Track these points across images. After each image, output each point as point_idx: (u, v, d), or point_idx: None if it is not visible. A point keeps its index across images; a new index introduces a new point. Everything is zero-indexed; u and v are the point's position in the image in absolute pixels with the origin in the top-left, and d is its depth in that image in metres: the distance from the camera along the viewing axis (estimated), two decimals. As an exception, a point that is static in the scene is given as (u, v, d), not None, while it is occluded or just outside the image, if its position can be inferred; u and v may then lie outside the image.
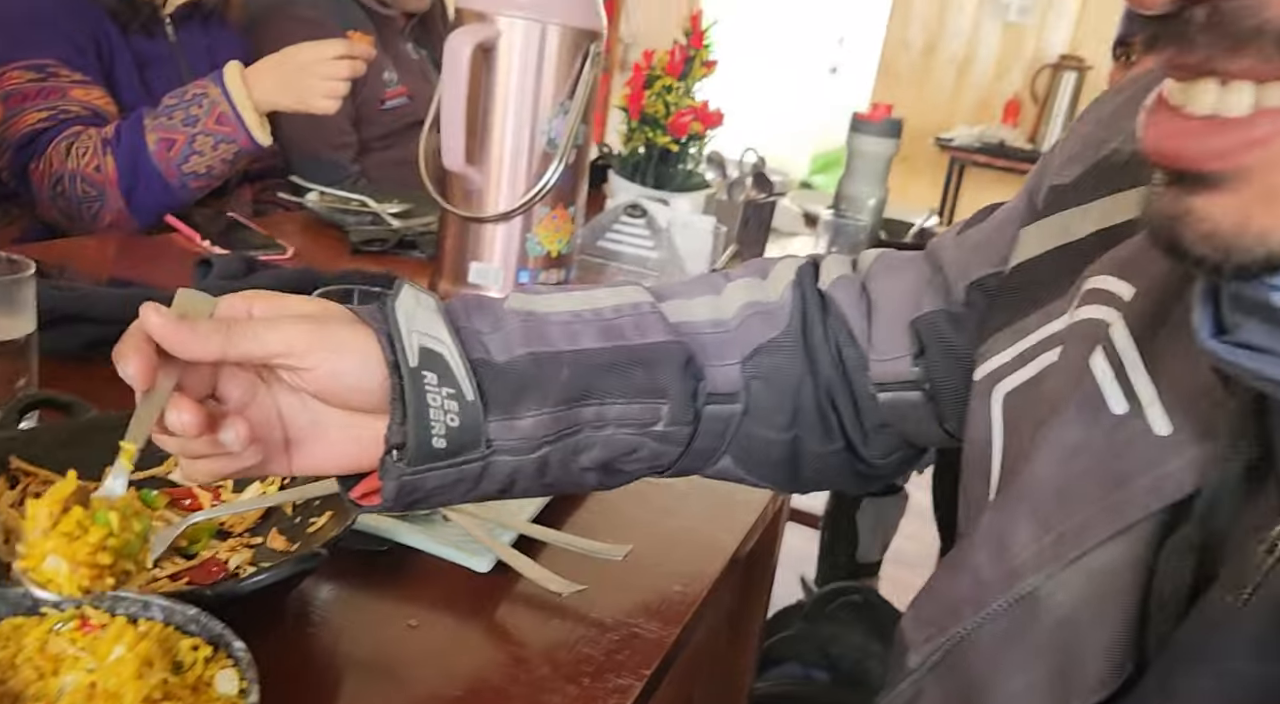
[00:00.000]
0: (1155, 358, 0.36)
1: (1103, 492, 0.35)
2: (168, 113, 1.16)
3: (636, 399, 0.49)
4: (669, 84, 1.47)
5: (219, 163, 1.18)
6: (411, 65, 1.71)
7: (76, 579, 0.36)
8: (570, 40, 1.00)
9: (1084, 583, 0.35)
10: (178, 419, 0.40)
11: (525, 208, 1.03)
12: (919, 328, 0.53)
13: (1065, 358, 0.41)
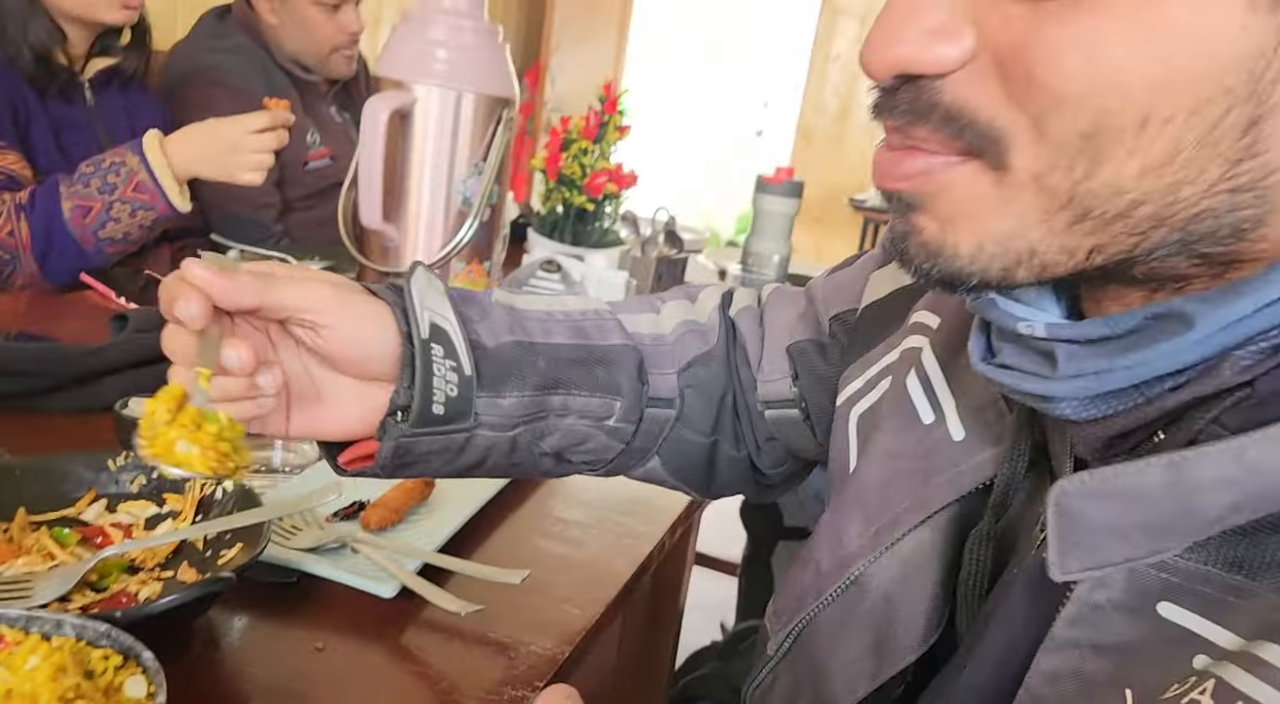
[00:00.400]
0: (955, 376, 0.44)
1: (913, 488, 0.42)
2: (84, 180, 1.18)
3: (596, 393, 0.56)
4: (584, 147, 1.55)
5: (136, 229, 1.20)
6: (335, 128, 1.75)
7: (206, 461, 0.41)
8: (484, 106, 1.07)
9: (897, 565, 0.41)
10: (236, 356, 0.44)
11: (441, 263, 1.08)
12: (792, 353, 0.61)
13: (893, 381, 0.49)
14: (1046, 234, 0.31)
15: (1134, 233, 0.30)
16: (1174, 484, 0.30)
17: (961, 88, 0.31)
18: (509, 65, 1.10)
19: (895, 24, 0.32)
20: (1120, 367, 0.32)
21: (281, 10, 1.65)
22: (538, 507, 0.78)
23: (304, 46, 1.67)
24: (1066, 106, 0.29)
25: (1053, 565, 0.32)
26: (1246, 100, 0.28)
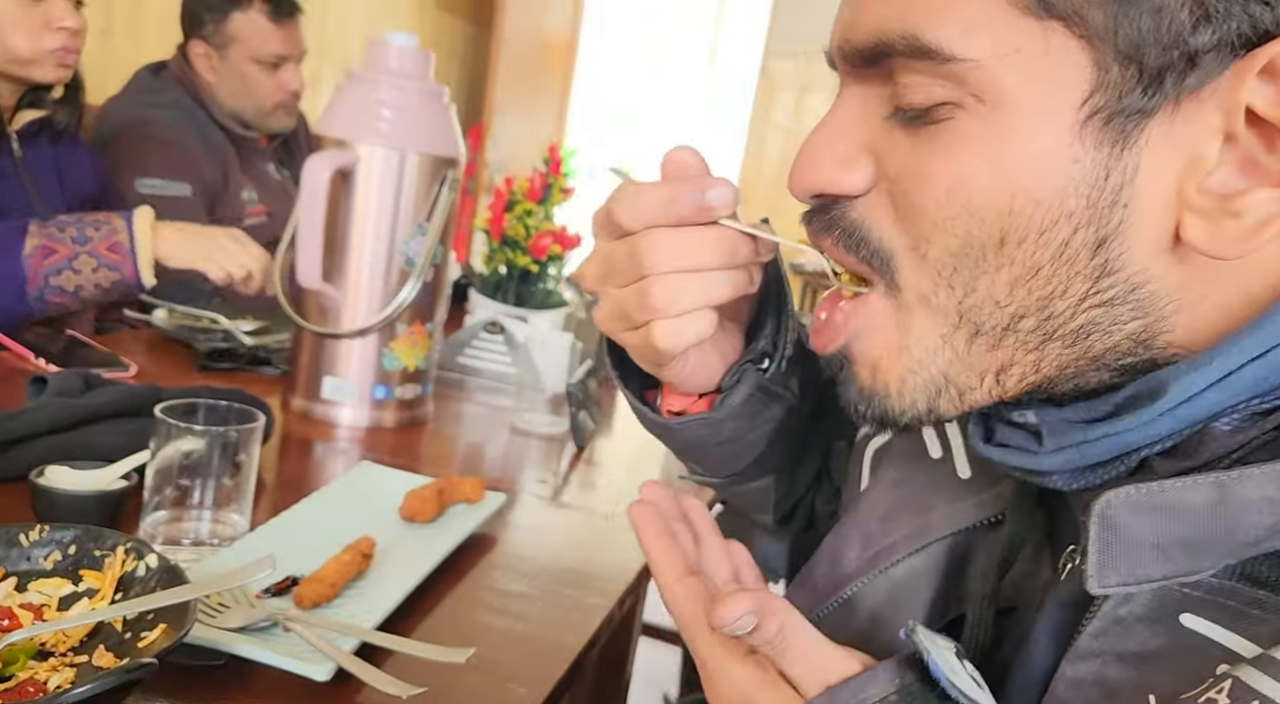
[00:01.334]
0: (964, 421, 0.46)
1: (913, 516, 0.45)
2: (59, 226, 1.14)
3: (806, 389, 0.57)
4: (529, 208, 1.55)
5: (91, 287, 1.15)
6: (272, 185, 1.73)
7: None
8: (429, 167, 1.06)
9: (888, 588, 0.44)
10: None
11: (382, 324, 1.06)
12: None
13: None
14: (951, 357, 0.35)
15: (1029, 348, 0.34)
16: (1218, 503, 0.31)
17: (862, 210, 0.37)
18: (455, 126, 1.09)
19: (810, 154, 0.38)
20: (1096, 437, 0.34)
21: (220, 67, 1.63)
22: (480, 578, 0.75)
23: (243, 103, 1.65)
24: (938, 231, 0.34)
25: (1090, 578, 0.33)
26: (1089, 223, 0.32)
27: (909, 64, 0.34)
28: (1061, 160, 0.32)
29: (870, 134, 0.36)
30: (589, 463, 1.10)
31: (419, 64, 1.07)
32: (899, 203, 0.35)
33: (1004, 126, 0.32)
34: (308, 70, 2.57)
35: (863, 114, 0.37)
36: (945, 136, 0.33)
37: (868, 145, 0.36)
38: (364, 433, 1.06)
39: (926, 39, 0.33)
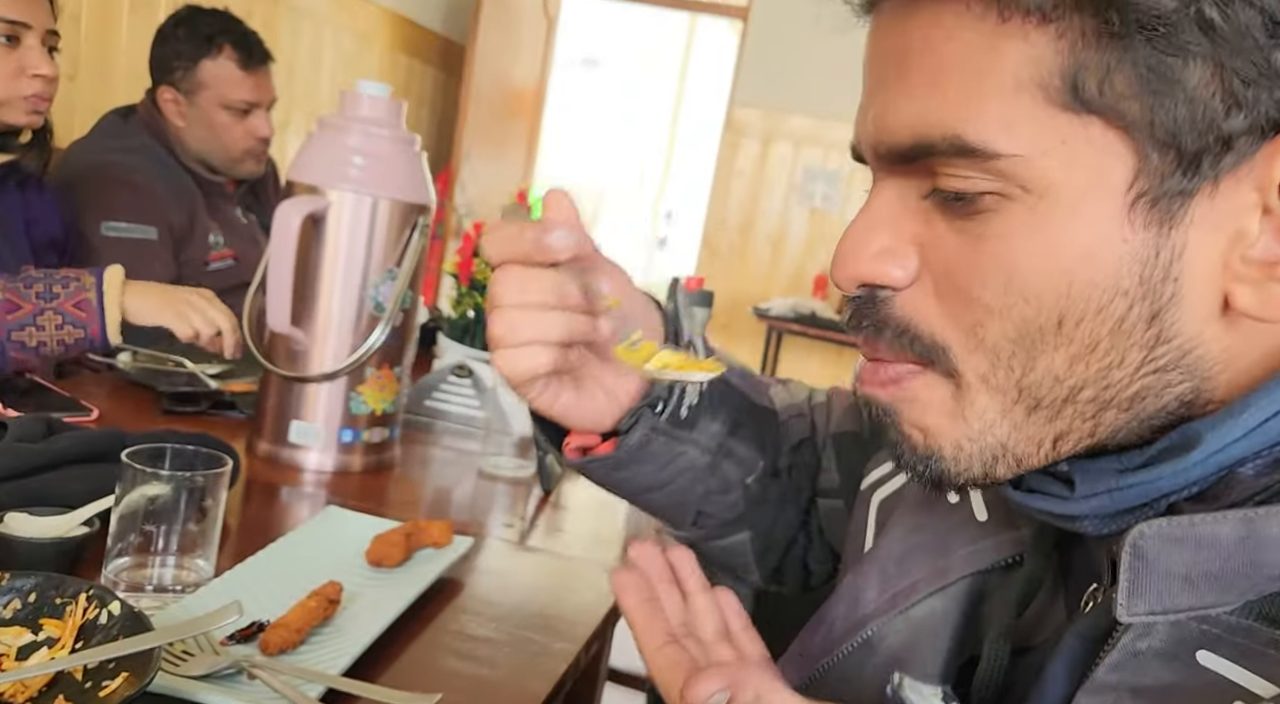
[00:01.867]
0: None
1: (931, 558, 0.46)
2: (26, 282, 1.13)
3: (753, 447, 0.60)
4: (497, 254, 1.56)
5: (55, 343, 1.14)
6: (239, 229, 1.73)
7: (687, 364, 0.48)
8: (400, 213, 1.07)
9: (908, 629, 0.45)
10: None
11: (351, 368, 1.06)
12: (836, 440, 0.65)
13: None
14: (1010, 429, 0.36)
15: (1086, 417, 0.35)
16: (1246, 538, 0.32)
17: (909, 303, 0.37)
18: (425, 173, 1.11)
19: (851, 245, 0.38)
20: (1129, 484, 0.36)
21: (189, 113, 1.63)
22: (447, 623, 0.74)
23: (211, 148, 1.66)
24: (994, 318, 0.35)
25: (1120, 606, 0.34)
26: (1143, 298, 0.33)
27: (951, 162, 0.35)
28: (1113, 242, 0.33)
29: (912, 225, 0.37)
30: (556, 507, 1.10)
31: (391, 112, 1.08)
32: (948, 293, 0.36)
33: (1053, 215, 0.33)
34: (277, 116, 2.58)
35: (902, 206, 0.37)
36: (994, 227, 0.34)
37: (911, 237, 0.37)
38: (331, 477, 1.05)
39: (969, 139, 0.34)
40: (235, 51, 1.60)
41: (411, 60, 3.43)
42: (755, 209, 3.89)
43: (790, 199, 3.81)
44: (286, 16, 2.63)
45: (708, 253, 3.95)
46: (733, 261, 3.92)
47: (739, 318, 3.70)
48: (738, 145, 3.85)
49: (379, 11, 3.11)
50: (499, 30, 3.52)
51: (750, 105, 3.77)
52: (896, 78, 0.36)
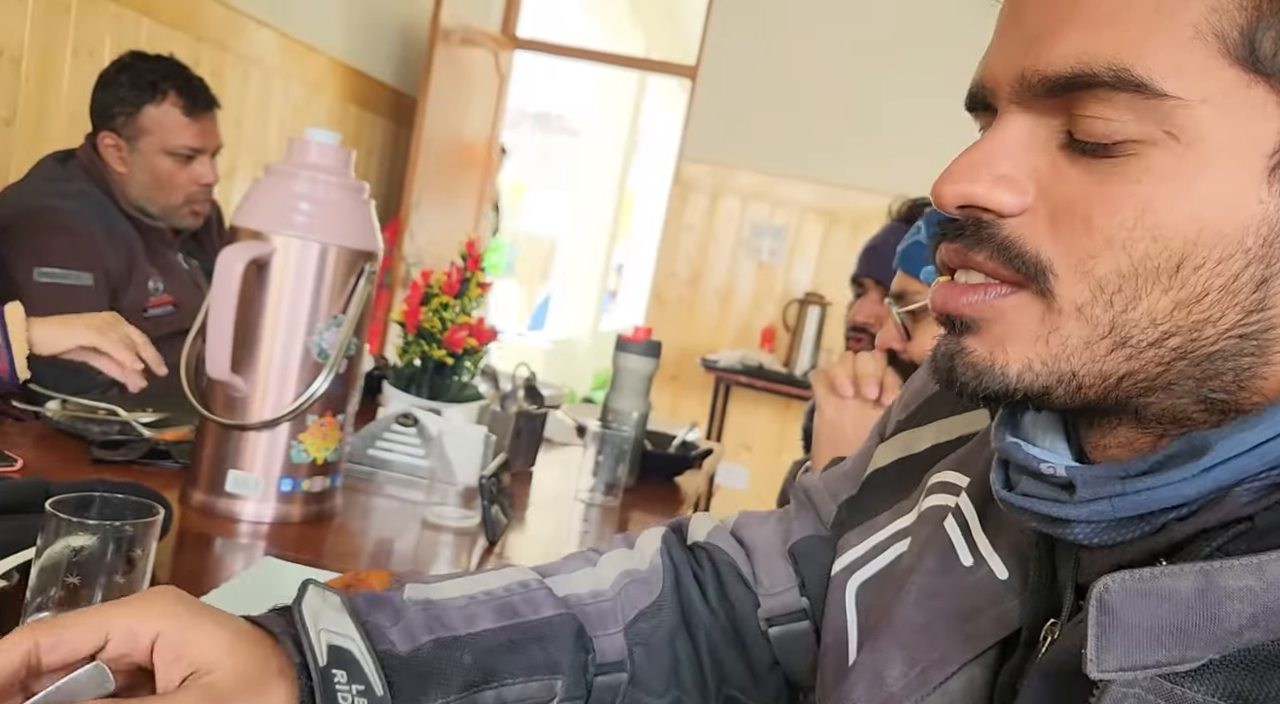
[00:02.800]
0: (991, 523, 0.46)
1: (957, 625, 0.44)
2: None
3: (534, 677, 0.52)
4: (445, 302, 1.56)
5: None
6: (180, 275, 1.70)
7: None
8: (346, 259, 1.06)
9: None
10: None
11: (292, 415, 1.04)
12: (794, 553, 0.60)
13: (915, 538, 0.50)
14: (1088, 360, 0.36)
15: (1161, 363, 0.36)
16: (1204, 591, 0.33)
17: (1017, 227, 0.37)
18: (373, 221, 1.11)
19: (968, 166, 0.38)
20: (1133, 490, 0.36)
21: (130, 159, 1.61)
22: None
23: (152, 194, 1.63)
24: (1112, 249, 0.35)
25: (1090, 662, 0.34)
26: (1260, 260, 0.34)
27: (1105, 96, 0.35)
28: (1248, 200, 0.34)
29: (1034, 159, 0.37)
30: (500, 557, 1.09)
31: (339, 160, 1.08)
32: (1066, 221, 0.36)
33: (1197, 162, 0.34)
34: (224, 164, 2.56)
35: (1030, 141, 0.38)
36: (1132, 169, 0.35)
37: (1030, 171, 0.37)
38: (269, 528, 1.02)
39: (1137, 72, 0.34)
40: (179, 97, 1.59)
41: (361, 110, 3.44)
42: (704, 262, 3.95)
43: (738, 253, 3.87)
44: (235, 64, 2.62)
45: (657, 305, 3.98)
46: (681, 313, 3.96)
47: (687, 369, 3.72)
48: (686, 199, 3.92)
49: (329, 62, 3.12)
50: (450, 84, 3.55)
51: (699, 161, 3.84)
52: (1069, 10, 0.36)
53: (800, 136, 3.77)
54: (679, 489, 1.60)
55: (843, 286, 3.93)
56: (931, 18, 3.62)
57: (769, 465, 3.84)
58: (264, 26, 2.72)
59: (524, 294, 8.29)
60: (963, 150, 0.39)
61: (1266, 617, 0.32)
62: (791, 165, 3.79)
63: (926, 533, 0.50)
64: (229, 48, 2.57)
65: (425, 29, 3.42)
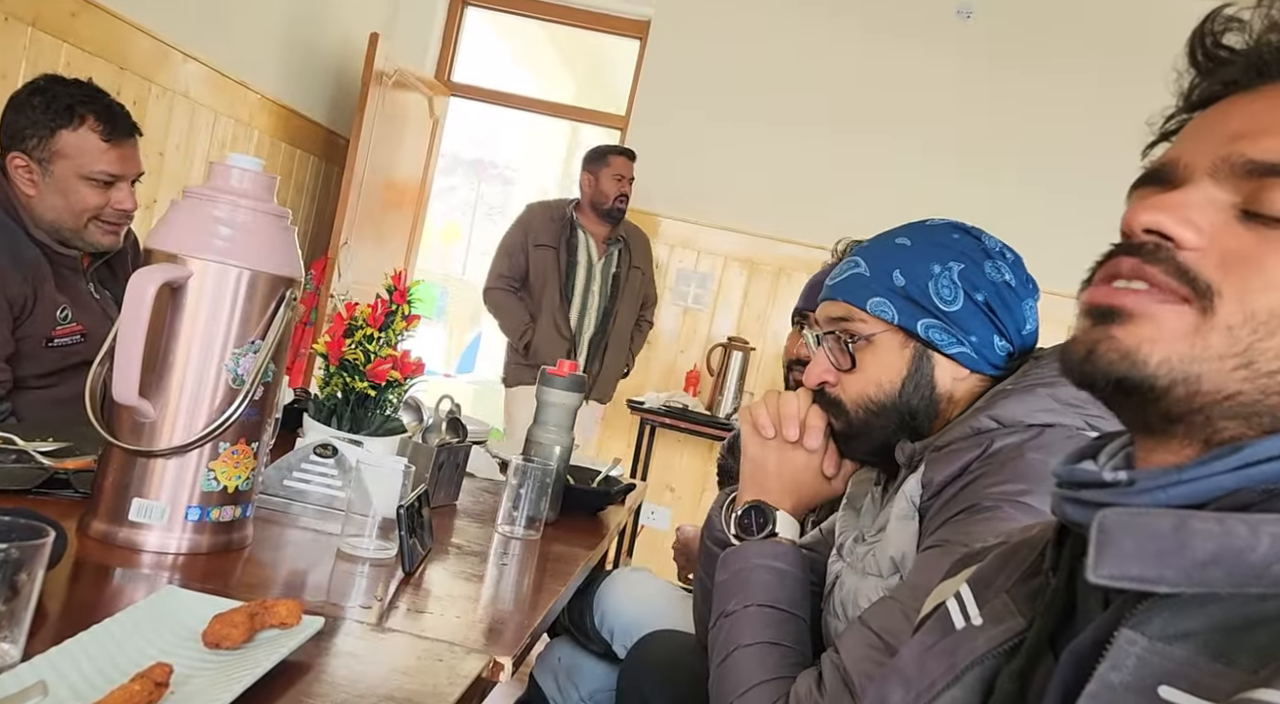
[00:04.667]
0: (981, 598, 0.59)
1: (944, 658, 0.56)
2: None
3: None
4: (370, 334, 1.54)
5: None
6: (90, 304, 1.64)
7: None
8: (266, 284, 1.05)
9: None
10: None
11: (203, 441, 1.01)
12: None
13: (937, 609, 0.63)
14: (1216, 370, 0.45)
15: (1267, 392, 0.44)
16: (1178, 528, 0.42)
17: (1192, 258, 0.47)
18: (295, 247, 1.10)
19: (1164, 204, 0.48)
20: (1186, 479, 0.45)
21: (42, 182, 1.57)
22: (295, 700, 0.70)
23: (64, 219, 1.58)
24: (1272, 290, 0.45)
25: (1090, 568, 0.43)
26: None
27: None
28: None
29: (1214, 218, 0.47)
30: (418, 588, 1.07)
31: (261, 186, 1.07)
32: (1236, 263, 0.46)
33: None
34: (145, 195, 2.50)
35: (1211, 204, 0.48)
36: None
37: (1209, 223, 0.47)
38: (174, 558, 0.99)
39: None
40: (98, 122, 1.55)
41: (293, 148, 3.41)
42: (633, 307, 3.98)
43: (664, 299, 3.92)
44: (160, 97, 2.58)
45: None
46: (611, 357, 3.98)
47: (614, 410, 3.73)
48: (616, 245, 3.96)
49: (260, 99, 3.09)
50: (383, 126, 3.55)
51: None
52: (1271, 121, 0.48)
53: (725, 188, 3.87)
54: (601, 523, 1.60)
55: (764, 332, 3.99)
56: (861, 75, 3.78)
57: (692, 506, 3.85)
58: (192, 60, 2.69)
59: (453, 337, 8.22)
60: (1152, 196, 0.49)
61: (1224, 556, 0.41)
62: (716, 215, 3.88)
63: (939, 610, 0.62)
64: (154, 79, 2.53)
65: (359, 70, 3.43)
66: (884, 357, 0.97)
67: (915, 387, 0.96)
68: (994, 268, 0.96)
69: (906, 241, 0.99)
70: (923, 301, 0.95)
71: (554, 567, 1.30)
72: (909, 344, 0.96)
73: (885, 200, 3.47)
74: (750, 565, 0.99)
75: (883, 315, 0.97)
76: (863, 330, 0.98)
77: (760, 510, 1.04)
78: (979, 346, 0.95)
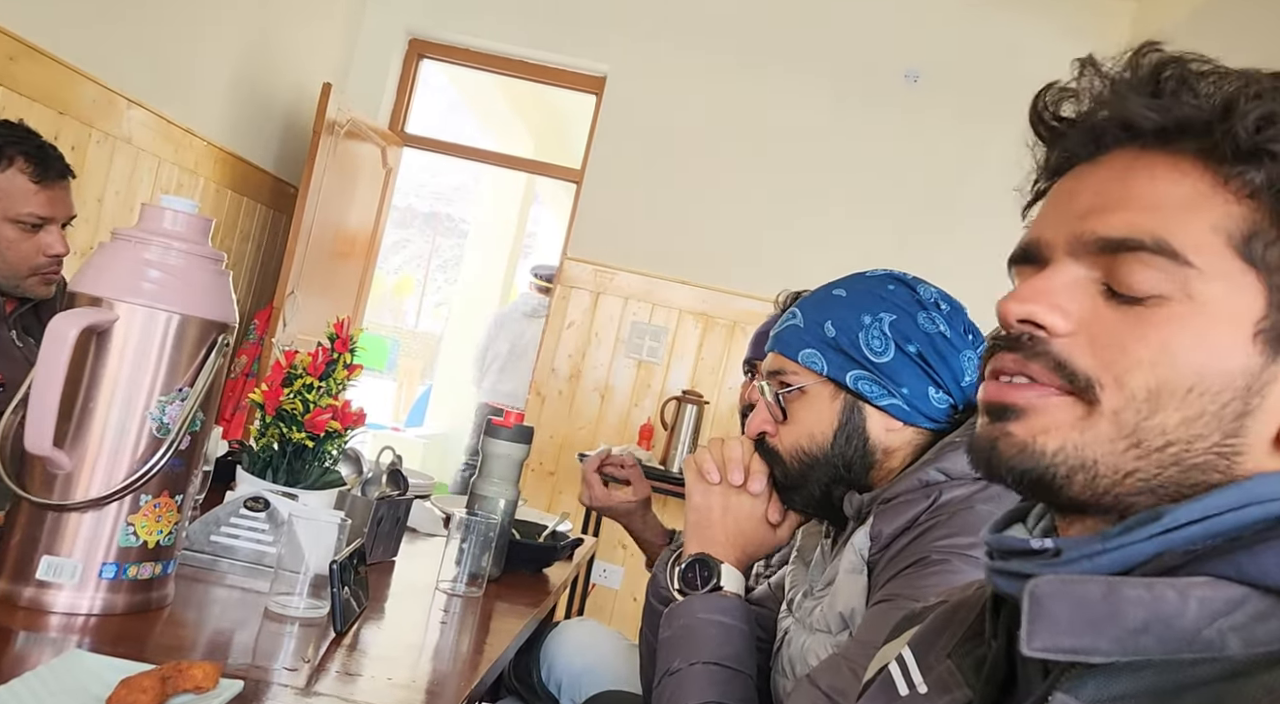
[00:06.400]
0: (924, 663, 0.58)
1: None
2: None
3: None
4: (310, 383, 1.50)
5: None
6: (12, 351, 1.58)
7: None
8: (197, 330, 1.01)
9: None
10: None
11: (122, 494, 0.96)
12: None
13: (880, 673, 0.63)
14: (1108, 453, 0.46)
15: (1160, 466, 0.46)
16: (1108, 595, 0.43)
17: (1064, 347, 0.48)
18: (229, 292, 1.06)
19: (1032, 291, 0.49)
20: (1110, 548, 0.45)
21: (-30, 225, 1.51)
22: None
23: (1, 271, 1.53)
24: (1142, 370, 0.46)
25: (1023, 642, 0.43)
26: (1242, 397, 0.45)
27: (1145, 258, 0.46)
28: (1240, 352, 0.45)
29: (1080, 299, 0.48)
30: (351, 649, 1.01)
31: (195, 229, 1.04)
32: (1104, 347, 0.47)
33: (1206, 320, 0.46)
34: (81, 241, 2.44)
35: (1075, 284, 0.49)
36: (1158, 315, 0.46)
37: (1077, 306, 0.48)
38: (85, 620, 0.93)
39: (1174, 244, 0.46)
40: (27, 164, 1.50)
41: (239, 196, 3.36)
42: (584, 360, 3.96)
43: (617, 351, 3.91)
44: (101, 142, 2.53)
45: (536, 400, 3.96)
46: (561, 409, 3.94)
47: (566, 464, 3.68)
48: (569, 297, 3.96)
49: (207, 146, 3.05)
50: (334, 176, 3.53)
51: (582, 260, 3.91)
52: (1121, 196, 0.48)
53: (681, 241, 3.90)
54: (547, 581, 1.55)
55: (718, 385, 3.99)
56: (813, 132, 3.87)
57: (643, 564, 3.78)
58: (136, 106, 2.65)
59: (403, 390, 8.10)
60: (1022, 283, 0.51)
61: (1155, 624, 0.42)
62: (671, 269, 3.90)
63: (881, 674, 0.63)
64: (94, 124, 2.49)
65: (311, 119, 3.41)
66: (815, 408, 0.97)
67: (847, 439, 0.95)
68: (928, 318, 0.96)
69: (842, 293, 1.00)
70: (853, 353, 0.95)
71: (496, 625, 1.25)
72: (839, 395, 0.96)
73: (840, 255, 3.53)
74: (695, 621, 0.96)
75: (813, 366, 0.96)
76: (795, 381, 0.97)
77: (705, 563, 1.02)
78: (911, 398, 0.95)
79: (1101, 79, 0.50)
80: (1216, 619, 0.41)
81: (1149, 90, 0.48)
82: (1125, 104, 0.49)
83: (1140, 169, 0.49)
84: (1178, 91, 0.48)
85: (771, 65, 3.88)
